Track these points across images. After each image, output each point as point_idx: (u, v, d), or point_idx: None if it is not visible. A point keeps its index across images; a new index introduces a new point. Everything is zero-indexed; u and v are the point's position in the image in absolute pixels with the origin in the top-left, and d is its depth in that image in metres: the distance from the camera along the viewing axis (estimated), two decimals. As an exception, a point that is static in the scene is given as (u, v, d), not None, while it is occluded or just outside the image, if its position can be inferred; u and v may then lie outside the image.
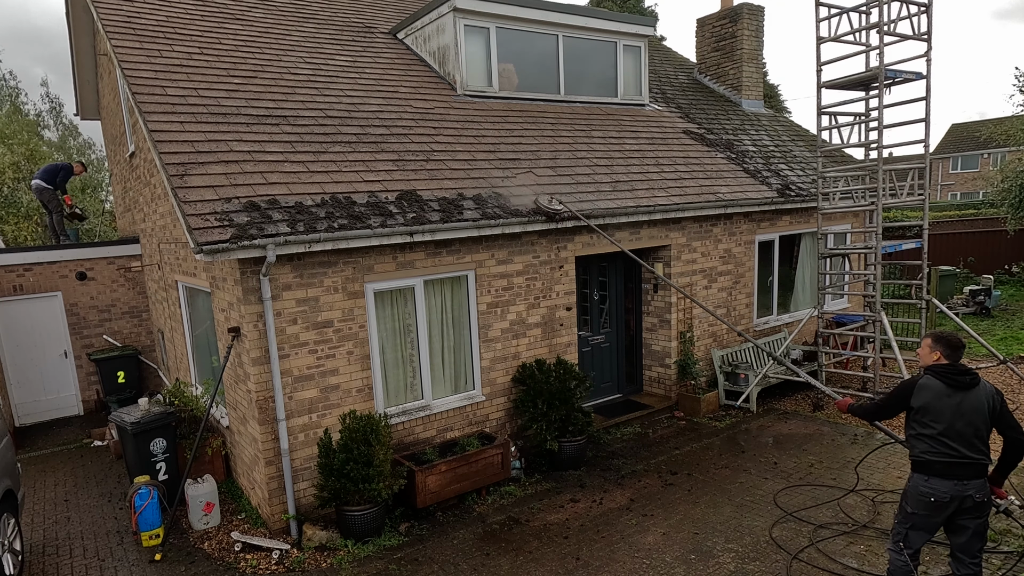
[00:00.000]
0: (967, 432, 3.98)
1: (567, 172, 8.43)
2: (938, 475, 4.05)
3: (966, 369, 4.08)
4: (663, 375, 9.59)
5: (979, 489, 4.03)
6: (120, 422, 6.96)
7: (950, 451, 4.00)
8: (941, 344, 4.16)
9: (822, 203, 9.39)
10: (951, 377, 4.05)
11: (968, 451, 3.99)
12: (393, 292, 6.90)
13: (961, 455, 3.99)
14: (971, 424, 3.98)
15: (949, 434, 4.00)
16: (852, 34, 8.66)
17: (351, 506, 6.02)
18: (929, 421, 4.06)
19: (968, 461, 4.00)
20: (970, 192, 42.46)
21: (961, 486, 4.01)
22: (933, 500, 4.06)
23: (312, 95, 8.10)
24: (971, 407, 3.99)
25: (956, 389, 4.02)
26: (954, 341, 4.13)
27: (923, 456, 4.10)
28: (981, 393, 4.03)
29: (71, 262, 11.25)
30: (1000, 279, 18.88)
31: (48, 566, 6.20)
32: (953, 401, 4.00)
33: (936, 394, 4.04)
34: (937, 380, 4.07)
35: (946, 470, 4.03)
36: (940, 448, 4.02)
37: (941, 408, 4.01)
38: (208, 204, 5.80)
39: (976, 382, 4.04)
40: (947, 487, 4.03)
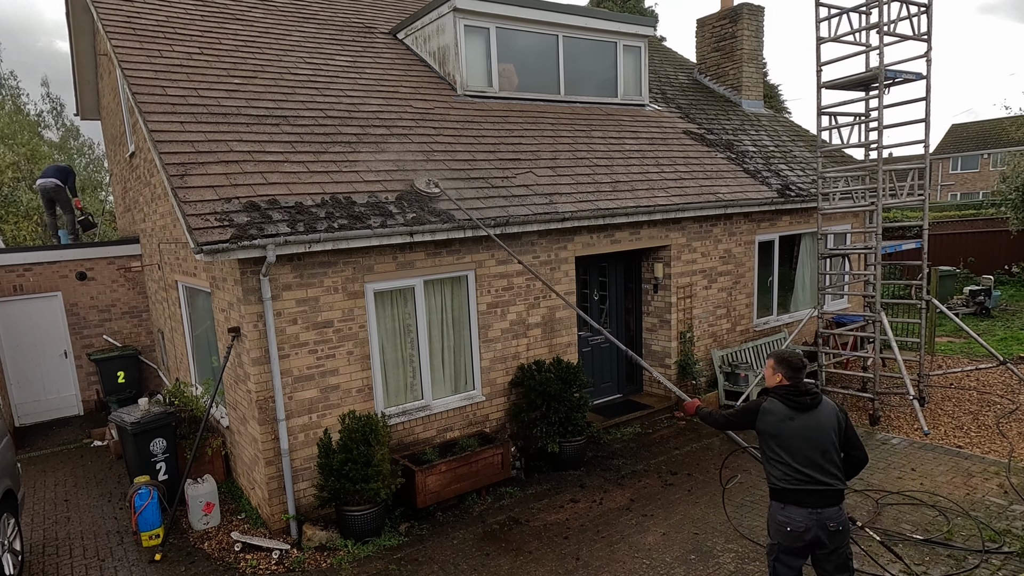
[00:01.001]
0: (815, 456, 3.80)
1: (567, 172, 8.43)
2: (793, 503, 3.84)
3: (807, 389, 3.92)
4: (663, 375, 9.59)
5: (834, 517, 3.81)
6: (120, 422, 6.96)
7: (803, 477, 3.81)
8: (783, 365, 4.00)
9: (822, 203, 9.40)
10: (791, 399, 3.89)
11: (821, 476, 3.80)
12: (393, 292, 6.90)
13: (814, 480, 3.80)
14: (818, 447, 3.81)
15: (798, 459, 3.81)
16: (852, 34, 8.67)
17: (351, 506, 6.02)
18: (776, 447, 3.90)
19: (822, 488, 3.79)
20: (970, 192, 42.45)
21: (816, 514, 3.79)
22: (790, 529, 3.85)
23: (312, 95, 8.10)
24: (816, 428, 3.83)
25: (798, 411, 3.86)
26: (795, 362, 3.97)
27: (777, 483, 3.91)
28: (824, 413, 3.87)
29: (71, 262, 11.25)
30: (1000, 279, 18.88)
31: (48, 566, 6.20)
32: (797, 424, 3.84)
33: (779, 417, 3.89)
34: (779, 403, 3.92)
35: (800, 497, 3.82)
36: (792, 475, 3.83)
37: (785, 432, 3.86)
38: (208, 204, 5.80)
39: (817, 402, 3.89)
40: (802, 515, 3.81)
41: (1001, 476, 6.72)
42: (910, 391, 8.16)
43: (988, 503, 6.17)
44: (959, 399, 9.31)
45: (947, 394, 9.57)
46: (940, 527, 5.77)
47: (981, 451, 7.46)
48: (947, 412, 8.81)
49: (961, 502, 6.20)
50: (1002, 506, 6.09)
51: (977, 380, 10.15)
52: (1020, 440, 7.69)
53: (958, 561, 5.25)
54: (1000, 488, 6.47)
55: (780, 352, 4.09)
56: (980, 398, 9.30)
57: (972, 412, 8.74)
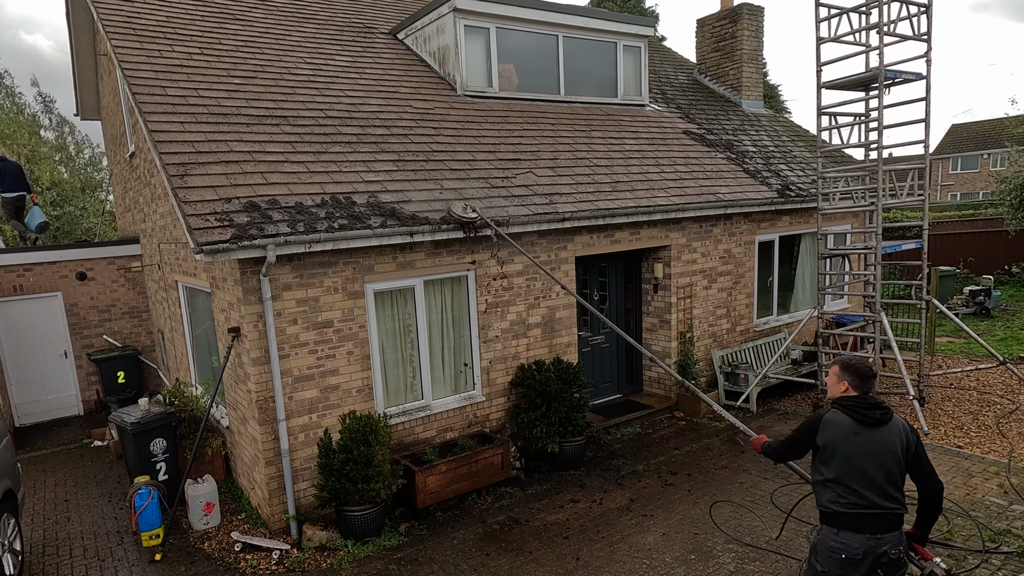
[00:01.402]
0: (878, 477, 3.42)
1: (567, 172, 8.43)
2: (849, 528, 3.47)
3: (877, 403, 3.51)
4: (663, 375, 9.59)
5: (895, 543, 3.45)
6: (120, 422, 6.96)
7: (860, 500, 3.44)
8: (849, 373, 3.59)
9: (822, 203, 9.39)
10: (859, 412, 3.48)
11: (880, 499, 3.42)
12: (393, 292, 6.90)
13: (873, 504, 3.43)
14: (882, 467, 3.43)
15: (858, 479, 3.44)
16: (852, 34, 8.67)
17: (351, 506, 6.02)
18: (836, 463, 3.50)
19: (881, 511, 3.43)
20: (970, 192, 42.46)
21: (875, 540, 3.43)
22: (844, 557, 3.47)
23: (312, 95, 8.10)
24: (882, 447, 3.43)
25: (865, 426, 3.46)
26: (863, 370, 3.57)
27: (830, 507, 3.53)
28: (894, 431, 3.47)
29: (71, 262, 11.25)
30: (1000, 279, 18.88)
31: (48, 566, 6.20)
32: (862, 440, 3.44)
33: (843, 431, 3.48)
34: (844, 415, 3.52)
35: (857, 522, 3.45)
36: (849, 497, 3.46)
37: (848, 448, 3.46)
38: (208, 204, 5.80)
39: (888, 418, 3.48)
40: (859, 541, 3.44)
41: (1001, 476, 6.72)
42: (910, 391, 8.16)
43: (988, 503, 6.17)
44: (959, 399, 9.31)
45: (947, 394, 9.57)
46: (940, 527, 5.77)
47: (981, 451, 7.46)
48: (947, 412, 8.81)
49: (961, 502, 6.20)
50: (1002, 506, 6.09)
51: (977, 380, 10.15)
52: (1020, 440, 7.69)
53: (958, 561, 5.25)
54: (1000, 488, 6.47)
55: (847, 359, 3.68)
56: (980, 398, 9.30)
57: (972, 412, 8.74)
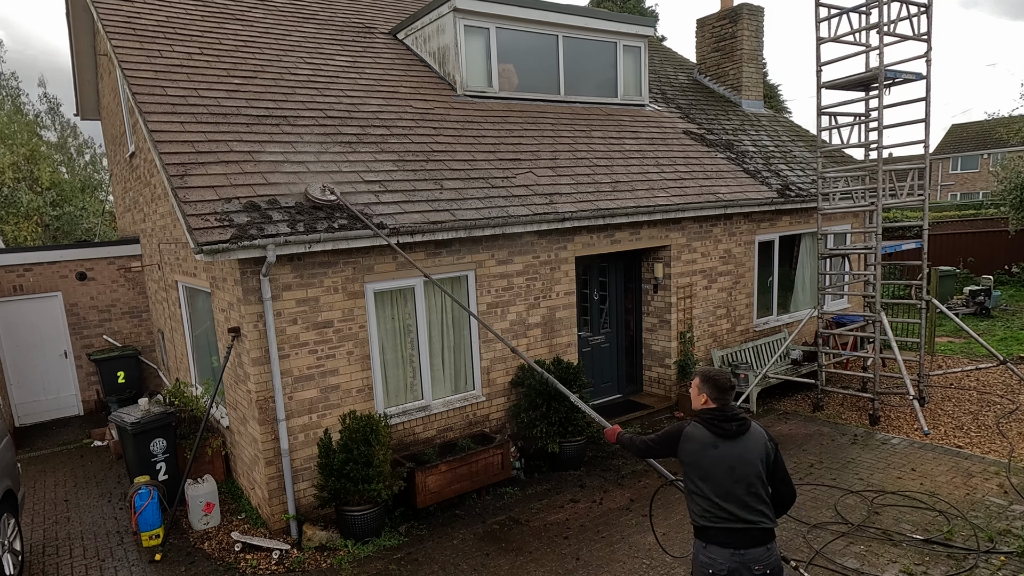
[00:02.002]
0: (738, 490, 3.36)
1: (567, 172, 8.43)
2: (715, 543, 3.44)
3: (733, 414, 3.46)
4: (663, 375, 9.60)
5: (760, 559, 3.38)
6: (120, 422, 6.96)
7: (724, 514, 3.38)
8: (708, 385, 3.52)
9: (822, 203, 9.40)
10: (716, 424, 3.44)
11: (744, 513, 3.36)
12: (393, 292, 6.90)
13: (736, 518, 3.37)
14: (742, 480, 3.37)
15: (719, 493, 3.38)
16: (852, 34, 8.67)
17: (351, 506, 6.02)
18: (697, 478, 3.47)
19: (745, 526, 3.37)
20: (970, 192, 42.45)
21: (739, 556, 3.37)
22: (712, 572, 3.44)
23: (312, 95, 8.10)
24: (741, 459, 3.38)
25: (722, 438, 3.41)
26: (722, 381, 3.49)
27: (698, 520, 3.50)
28: (753, 442, 3.42)
29: (71, 262, 11.25)
30: (1000, 279, 18.88)
31: (48, 566, 6.20)
32: (720, 452, 3.40)
33: (702, 445, 3.45)
34: (703, 428, 3.48)
35: (723, 537, 3.41)
36: (712, 510, 3.41)
37: (708, 462, 3.42)
38: (208, 204, 5.80)
39: (745, 429, 3.43)
40: (724, 557, 3.39)
41: (1001, 476, 6.72)
42: (910, 391, 8.16)
43: (988, 503, 6.17)
44: (959, 399, 9.31)
45: (947, 394, 9.57)
46: (940, 527, 5.77)
47: (981, 451, 7.46)
48: (947, 412, 8.81)
49: (961, 502, 6.20)
50: (1002, 506, 6.09)
51: (977, 380, 10.15)
52: (1020, 440, 7.69)
53: (958, 561, 5.25)
54: (1000, 488, 6.46)
55: (706, 370, 3.63)
56: (980, 398, 9.30)
57: (972, 412, 8.74)
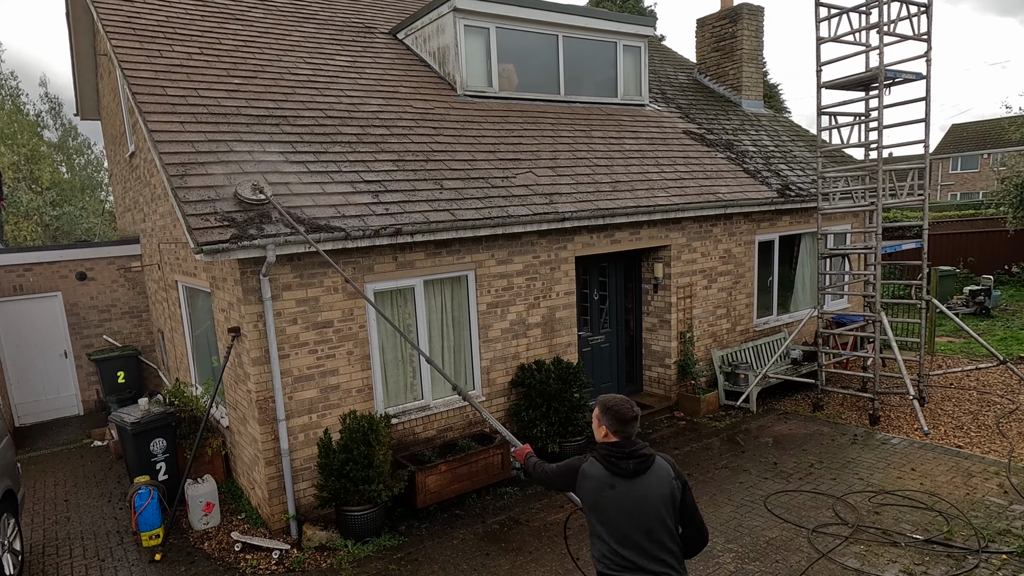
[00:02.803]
0: (637, 536, 2.98)
1: (567, 172, 8.43)
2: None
3: (632, 451, 3.02)
4: (663, 375, 9.60)
5: None
6: (120, 422, 6.96)
7: (625, 563, 3.00)
8: (608, 415, 3.05)
9: (822, 203, 9.40)
10: (612, 462, 3.02)
11: (645, 561, 2.98)
12: (393, 292, 6.90)
13: (636, 567, 2.99)
14: (642, 524, 2.97)
15: (617, 537, 3.01)
16: (852, 34, 8.67)
17: (351, 506, 6.02)
18: (596, 521, 3.08)
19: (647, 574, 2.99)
20: (970, 192, 42.45)
21: None
22: None
23: (312, 95, 8.10)
24: (640, 502, 2.98)
25: (620, 477, 3.01)
26: (623, 411, 3.03)
27: (598, 566, 3.13)
28: (655, 480, 3.01)
29: (71, 262, 11.25)
30: (1000, 279, 18.88)
31: (48, 566, 6.20)
32: (617, 493, 3.00)
33: (597, 484, 3.05)
34: (599, 466, 3.07)
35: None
36: (613, 558, 3.03)
37: (605, 504, 3.03)
38: (208, 204, 5.80)
39: (645, 467, 3.01)
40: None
41: (1001, 476, 6.72)
42: (910, 391, 8.16)
43: (988, 503, 6.16)
44: (959, 399, 9.31)
45: (947, 394, 9.57)
46: (940, 527, 5.77)
47: (981, 451, 7.46)
48: (947, 412, 8.80)
49: (961, 502, 6.20)
50: (1002, 506, 6.09)
51: (977, 380, 10.15)
52: (1020, 440, 7.69)
53: (958, 561, 5.25)
54: (1000, 488, 6.46)
55: (606, 399, 3.14)
56: (980, 398, 9.30)
57: (972, 412, 8.74)
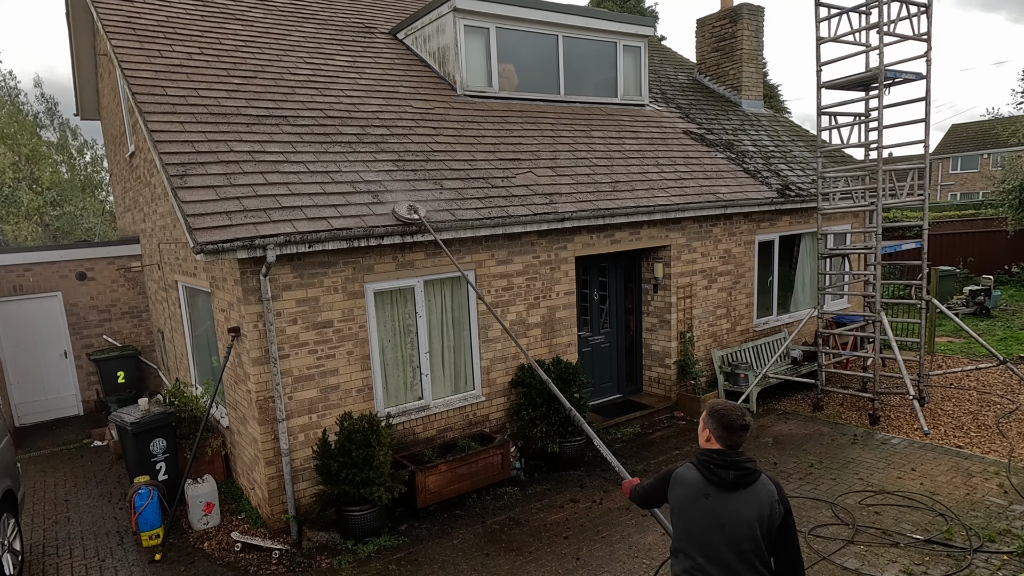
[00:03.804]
0: (726, 553, 2.70)
1: (567, 172, 8.43)
2: None
3: (735, 461, 2.74)
4: (663, 375, 9.59)
5: None
6: (120, 422, 6.96)
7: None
8: (714, 420, 2.81)
9: (822, 203, 9.40)
10: (711, 470, 2.76)
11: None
12: (393, 292, 6.90)
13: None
14: (731, 541, 2.69)
15: (702, 552, 2.74)
16: (852, 34, 8.67)
17: (351, 506, 6.02)
18: (681, 530, 2.84)
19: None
20: (970, 192, 42.45)
21: None
22: None
23: (312, 95, 8.10)
24: (734, 516, 2.70)
25: (717, 487, 2.75)
26: (732, 418, 2.78)
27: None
28: (754, 498, 2.71)
29: (71, 262, 11.25)
30: (1000, 279, 18.88)
31: (48, 566, 6.20)
32: (711, 504, 2.74)
33: (691, 492, 2.80)
34: (696, 472, 2.83)
35: None
36: (695, 573, 2.78)
37: (694, 512, 2.78)
38: (208, 204, 5.80)
39: (748, 481, 2.74)
40: None
41: (1001, 476, 6.72)
42: (910, 391, 8.16)
43: (988, 503, 6.17)
44: (959, 399, 9.31)
45: (947, 394, 9.57)
46: (940, 527, 5.76)
47: (981, 451, 7.46)
48: (947, 412, 8.80)
49: (961, 502, 6.20)
50: (1002, 506, 6.09)
51: (977, 380, 10.15)
52: (1020, 440, 7.69)
53: (958, 561, 5.25)
54: (1000, 488, 6.46)
55: (716, 402, 2.90)
56: (980, 398, 9.30)
57: (972, 412, 8.74)
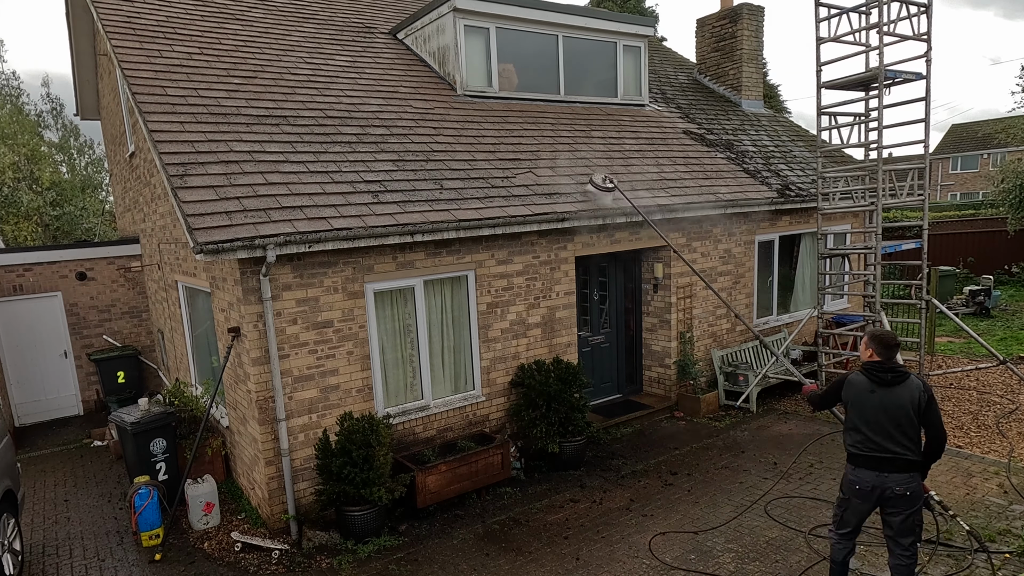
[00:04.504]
0: (887, 427, 4.20)
1: (567, 172, 8.43)
2: (862, 466, 4.33)
3: (892, 367, 4.27)
4: (663, 375, 9.59)
5: (900, 482, 4.21)
6: (120, 422, 6.96)
7: (872, 444, 4.26)
8: (875, 342, 4.35)
9: (822, 203, 9.40)
10: (875, 374, 4.28)
11: (889, 444, 4.21)
12: (393, 292, 6.90)
13: (882, 448, 4.23)
14: (892, 419, 4.19)
15: (871, 427, 4.25)
16: (852, 34, 8.67)
17: (351, 506, 6.02)
18: (854, 416, 4.34)
19: (889, 455, 4.21)
20: (970, 192, 42.45)
21: (882, 478, 4.25)
22: (858, 488, 4.35)
23: (312, 95, 8.10)
24: (893, 403, 4.19)
25: (880, 385, 4.25)
26: (887, 339, 4.31)
27: (850, 448, 4.40)
28: (906, 390, 4.20)
29: (71, 262, 11.25)
30: (1000, 279, 18.88)
31: (48, 566, 6.20)
32: (876, 396, 4.24)
33: (860, 390, 4.32)
34: (863, 376, 4.33)
35: (868, 462, 4.30)
36: (864, 442, 4.29)
37: (863, 402, 4.29)
38: (208, 204, 5.80)
39: (901, 379, 4.22)
40: (869, 477, 4.30)
41: (1001, 476, 6.72)
42: (910, 391, 8.15)
43: (988, 503, 6.17)
44: (959, 399, 9.31)
45: (947, 394, 9.57)
46: (940, 526, 5.76)
47: (981, 451, 7.46)
48: (947, 412, 8.80)
49: (961, 502, 6.20)
50: (1002, 506, 6.10)
51: (977, 380, 10.15)
52: (1020, 440, 7.69)
53: (958, 561, 5.25)
54: (1000, 488, 6.47)
55: (874, 331, 4.43)
56: (980, 398, 9.30)
57: (972, 412, 8.74)
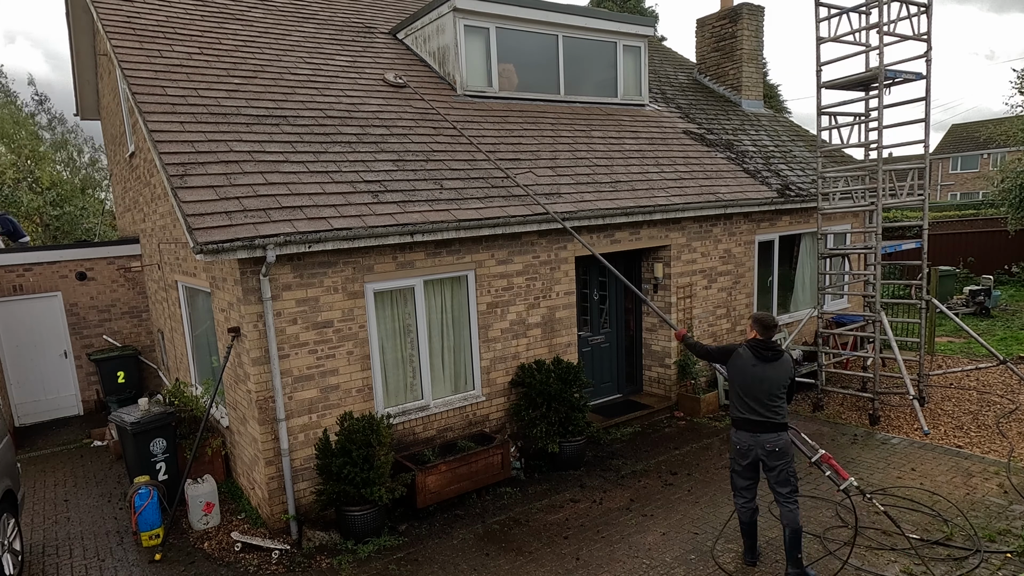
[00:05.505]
0: (761, 396, 4.94)
1: (567, 172, 8.43)
2: (741, 428, 5.08)
3: (771, 345, 5.03)
4: (663, 375, 9.60)
5: (770, 440, 4.95)
6: (120, 422, 6.96)
7: (748, 410, 5.00)
8: (758, 324, 5.07)
9: (822, 203, 9.40)
10: (758, 351, 5.00)
11: (762, 410, 4.95)
12: (393, 292, 6.90)
13: (756, 413, 4.97)
14: (766, 390, 4.93)
15: (750, 395, 4.97)
16: (852, 34, 8.67)
17: (351, 506, 6.02)
18: (737, 385, 5.06)
19: (761, 419, 4.96)
20: (970, 192, 42.44)
21: (755, 438, 5.00)
22: (738, 447, 5.12)
23: (312, 95, 8.10)
24: (769, 377, 4.93)
25: (760, 360, 4.97)
26: (767, 321, 5.04)
27: (732, 413, 5.16)
28: (781, 365, 4.96)
29: (71, 262, 11.25)
30: (1000, 279, 18.88)
31: (48, 566, 6.20)
32: (756, 370, 4.96)
33: (744, 362, 5.02)
34: (749, 352, 5.04)
35: (744, 425, 5.05)
36: (742, 408, 5.03)
37: (745, 374, 5.00)
38: (208, 204, 5.80)
39: (777, 357, 4.97)
40: (745, 438, 5.05)
41: (1001, 476, 6.72)
42: (910, 391, 8.16)
43: (988, 503, 6.17)
44: (959, 399, 9.31)
45: (947, 394, 9.57)
46: (940, 527, 5.76)
47: (981, 451, 7.46)
48: (947, 412, 8.80)
49: (961, 502, 6.20)
50: (1002, 506, 6.10)
51: (977, 380, 10.15)
52: (1020, 440, 7.69)
53: (958, 561, 5.25)
54: (1000, 488, 6.47)
55: (757, 313, 5.18)
56: (980, 398, 9.30)
57: (972, 412, 8.74)
